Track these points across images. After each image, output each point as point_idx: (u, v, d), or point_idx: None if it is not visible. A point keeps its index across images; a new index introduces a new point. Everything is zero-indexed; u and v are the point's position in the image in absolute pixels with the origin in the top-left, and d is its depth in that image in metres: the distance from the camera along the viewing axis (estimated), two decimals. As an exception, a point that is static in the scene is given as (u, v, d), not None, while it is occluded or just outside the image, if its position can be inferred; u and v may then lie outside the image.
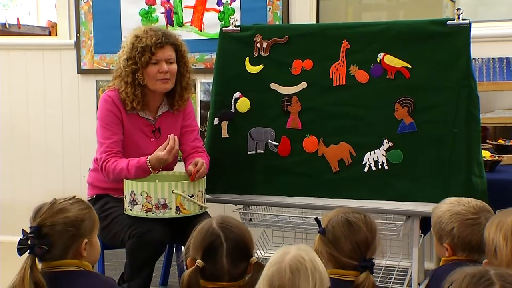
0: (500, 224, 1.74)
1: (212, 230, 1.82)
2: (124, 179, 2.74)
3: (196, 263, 1.78)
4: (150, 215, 2.67)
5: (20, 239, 1.85)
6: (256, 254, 3.38)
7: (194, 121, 3.11)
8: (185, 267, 1.88)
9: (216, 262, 1.78)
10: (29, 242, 1.84)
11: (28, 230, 1.87)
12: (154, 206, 2.67)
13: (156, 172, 2.77)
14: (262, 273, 1.60)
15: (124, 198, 2.75)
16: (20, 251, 1.84)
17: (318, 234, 1.97)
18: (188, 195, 2.70)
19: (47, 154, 4.30)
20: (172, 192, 2.67)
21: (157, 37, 2.86)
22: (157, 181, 2.74)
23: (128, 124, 2.91)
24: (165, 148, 2.72)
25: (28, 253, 1.84)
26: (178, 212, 2.69)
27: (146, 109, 2.95)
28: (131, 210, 2.71)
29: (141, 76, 2.86)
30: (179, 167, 3.07)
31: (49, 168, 4.31)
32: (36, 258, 1.85)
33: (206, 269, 1.78)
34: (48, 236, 1.85)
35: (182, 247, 2.49)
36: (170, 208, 2.67)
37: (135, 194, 2.69)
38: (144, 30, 2.91)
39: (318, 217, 2.08)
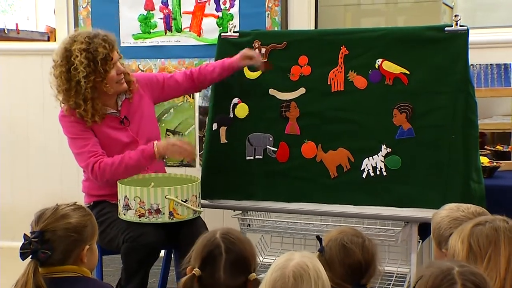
0: (460, 231, 1.78)
1: (214, 240, 1.80)
2: (118, 183, 2.74)
3: (193, 271, 1.78)
4: (143, 220, 2.66)
5: (23, 243, 1.85)
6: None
7: (160, 75, 3.16)
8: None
9: (213, 273, 1.76)
10: (31, 246, 1.84)
11: (28, 235, 1.87)
12: (147, 211, 2.66)
13: (164, 159, 2.75)
14: (264, 276, 1.60)
15: (118, 203, 2.75)
16: (23, 256, 1.84)
17: (318, 252, 1.97)
18: (182, 200, 2.69)
19: (46, 158, 4.30)
20: (165, 198, 2.67)
21: (107, 42, 2.82)
22: (152, 184, 2.74)
23: (96, 127, 2.89)
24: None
25: (31, 257, 1.84)
26: (172, 217, 2.68)
27: (106, 105, 2.93)
28: (124, 214, 2.71)
29: (108, 86, 2.83)
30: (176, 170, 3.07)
31: (48, 173, 4.30)
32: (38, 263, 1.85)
33: (203, 279, 1.78)
34: (50, 241, 1.86)
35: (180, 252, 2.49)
36: (163, 213, 2.67)
37: (128, 199, 2.69)
38: (88, 41, 2.79)
39: (320, 235, 2.06)
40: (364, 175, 2.92)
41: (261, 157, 3.11)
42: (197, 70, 3.13)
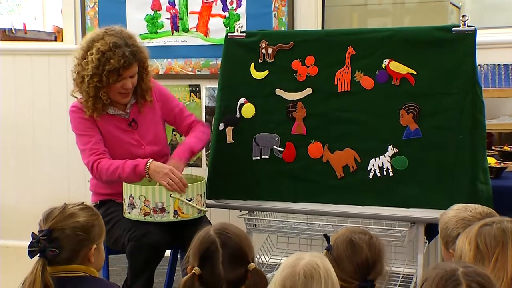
0: (468, 231, 1.78)
1: (208, 237, 1.82)
2: (123, 183, 2.75)
3: (193, 271, 1.78)
4: (148, 219, 2.68)
5: (31, 241, 1.86)
6: (260, 259, 3.39)
7: (175, 101, 3.13)
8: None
9: (212, 269, 1.78)
10: (40, 245, 1.85)
11: (36, 233, 1.87)
12: (152, 210, 2.67)
13: (149, 180, 2.76)
14: (274, 275, 1.61)
15: (123, 202, 2.76)
16: (31, 254, 1.85)
17: (325, 250, 1.97)
18: (187, 199, 2.70)
19: (52, 159, 4.31)
20: (170, 196, 2.67)
21: (126, 58, 2.76)
22: (157, 184, 2.74)
23: (103, 126, 2.90)
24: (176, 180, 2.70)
25: (39, 256, 1.85)
26: (176, 216, 2.69)
27: (115, 106, 2.93)
28: (129, 213, 2.72)
29: (105, 95, 2.84)
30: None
31: (53, 173, 4.31)
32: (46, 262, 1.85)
33: (204, 276, 1.79)
34: (58, 240, 1.87)
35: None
36: (168, 212, 2.68)
37: (133, 198, 2.70)
38: (110, 47, 2.76)
39: (327, 233, 2.06)
40: (371, 175, 2.92)
41: (267, 157, 3.11)
42: (186, 131, 3.10)
